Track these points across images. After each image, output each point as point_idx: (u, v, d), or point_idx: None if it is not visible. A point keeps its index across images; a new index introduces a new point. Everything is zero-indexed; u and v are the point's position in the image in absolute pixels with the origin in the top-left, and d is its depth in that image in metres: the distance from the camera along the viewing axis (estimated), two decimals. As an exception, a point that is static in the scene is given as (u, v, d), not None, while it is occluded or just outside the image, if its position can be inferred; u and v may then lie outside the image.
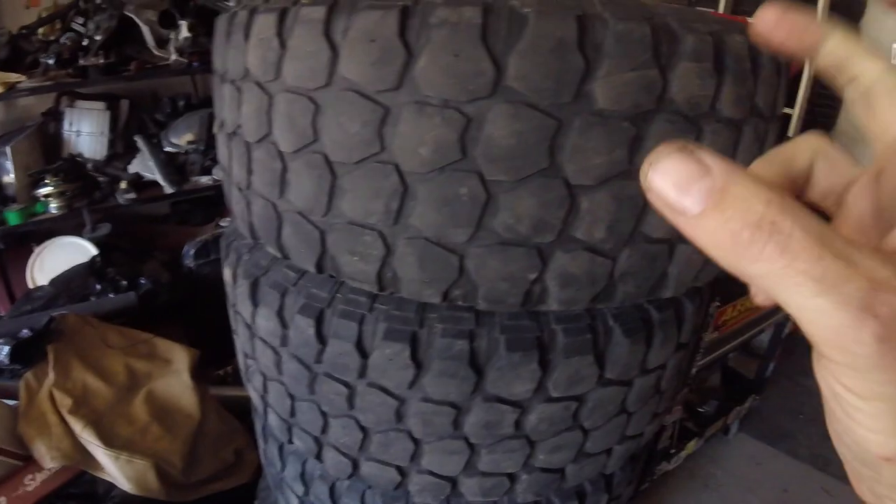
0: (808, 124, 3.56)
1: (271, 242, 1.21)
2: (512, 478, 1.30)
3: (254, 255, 1.32)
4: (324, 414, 1.28)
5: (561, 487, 1.38)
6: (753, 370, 3.02)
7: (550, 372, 1.13)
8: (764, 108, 1.10)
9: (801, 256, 0.22)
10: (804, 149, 0.36)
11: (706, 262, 1.18)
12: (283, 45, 1.03)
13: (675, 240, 1.09)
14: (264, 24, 1.05)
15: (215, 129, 1.34)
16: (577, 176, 0.97)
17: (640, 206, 1.02)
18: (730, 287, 2.18)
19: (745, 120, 1.07)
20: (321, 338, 1.17)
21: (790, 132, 3.44)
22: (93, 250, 2.86)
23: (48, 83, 3.01)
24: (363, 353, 1.15)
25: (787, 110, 3.25)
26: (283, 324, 1.22)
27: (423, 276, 1.06)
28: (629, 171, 0.99)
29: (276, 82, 1.06)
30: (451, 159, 0.96)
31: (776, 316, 2.68)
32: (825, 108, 3.61)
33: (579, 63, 0.91)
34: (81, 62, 3.06)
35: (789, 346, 2.88)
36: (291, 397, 1.32)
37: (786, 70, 1.18)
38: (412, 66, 0.93)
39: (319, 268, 1.14)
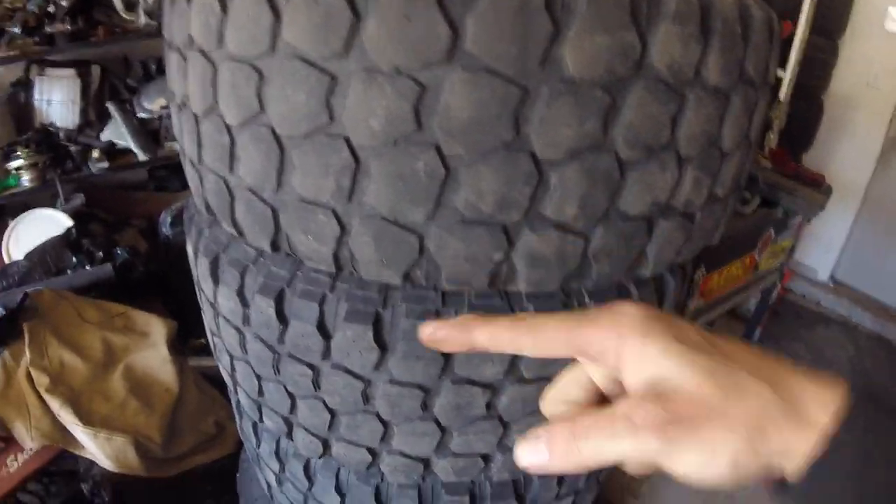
0: (799, 89, 3.47)
1: (226, 220, 1.14)
2: (486, 458, 1.26)
3: (213, 231, 1.26)
4: (290, 395, 1.24)
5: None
6: (740, 334, 2.99)
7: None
8: (754, 75, 1.03)
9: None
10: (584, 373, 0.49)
11: (689, 238, 1.12)
12: (224, 9, 0.95)
13: (654, 216, 1.03)
14: (205, -15, 0.97)
15: (168, 101, 1.26)
16: (544, 149, 0.90)
17: (616, 182, 0.95)
18: (716, 254, 2.13)
19: (733, 88, 1.00)
20: (282, 318, 1.12)
21: (782, 96, 3.35)
22: (68, 222, 2.80)
23: (14, 53, 2.92)
24: (325, 335, 1.09)
25: (778, 73, 3.16)
26: (244, 303, 1.16)
27: (380, 256, 0.99)
28: (603, 144, 0.92)
29: (219, 50, 0.98)
30: (406, 132, 0.88)
31: (763, 282, 2.64)
32: (818, 71, 3.52)
33: (546, 25, 0.84)
34: (48, 29, 2.96)
35: (776, 309, 2.84)
36: (258, 377, 1.27)
37: (778, 34, 1.10)
38: (360, 29, 0.85)
39: (275, 247, 1.08)
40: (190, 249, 1.32)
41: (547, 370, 1.11)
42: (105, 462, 1.80)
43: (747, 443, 0.38)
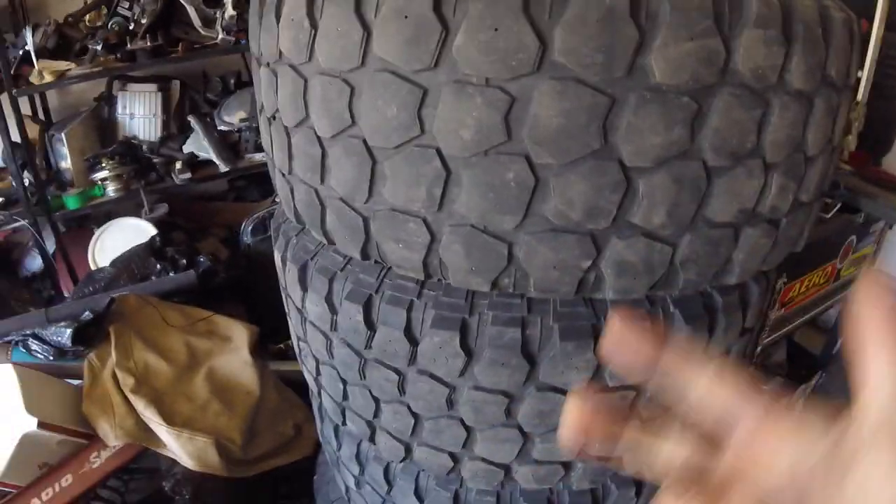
0: (876, 88, 3.33)
1: (316, 228, 1.18)
2: (567, 465, 1.26)
3: (301, 239, 1.30)
4: (375, 399, 1.26)
5: (618, 475, 1.33)
6: (820, 344, 2.89)
7: (607, 361, 1.07)
8: (836, 78, 1.01)
9: None
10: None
11: (774, 245, 1.10)
12: (314, 25, 0.99)
13: (740, 223, 1.02)
14: (295, 3, 1.01)
15: (257, 113, 1.31)
16: (632, 157, 0.90)
17: (703, 189, 0.95)
18: (798, 262, 2.08)
19: (816, 91, 0.99)
20: (370, 324, 1.14)
21: (860, 97, 3.23)
22: (152, 230, 2.90)
23: (97, 69, 3.04)
24: (412, 340, 1.11)
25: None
26: (332, 309, 1.20)
27: (470, 264, 1.01)
28: (690, 151, 0.92)
29: (309, 64, 1.02)
30: (496, 142, 0.90)
31: (845, 291, 2.56)
32: (895, 70, 3.38)
33: (632, 33, 0.84)
34: (129, 46, 3.07)
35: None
36: (343, 381, 1.30)
37: (858, 35, 1.08)
38: (449, 42, 0.88)
39: (365, 255, 1.11)
40: (277, 257, 1.37)
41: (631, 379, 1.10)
42: (186, 461, 1.86)
43: None
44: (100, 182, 3.14)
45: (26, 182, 2.97)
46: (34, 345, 2.01)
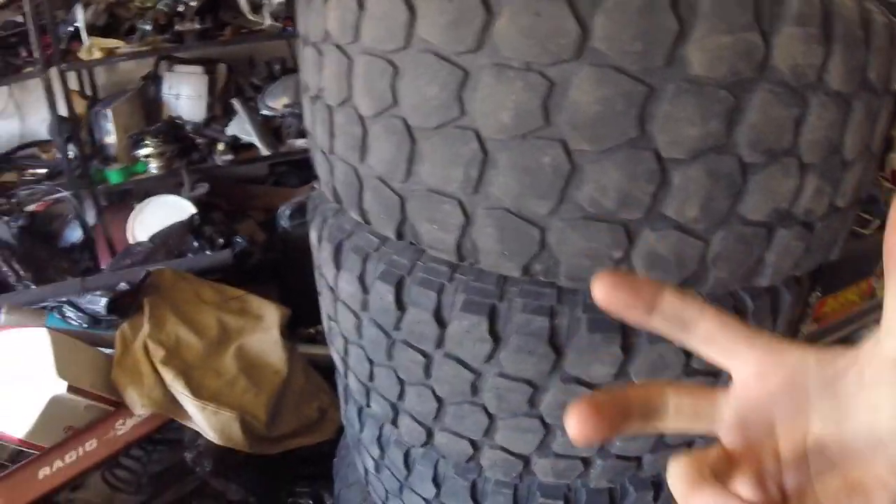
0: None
1: (353, 207, 1.20)
2: (586, 462, 1.26)
3: (338, 219, 1.32)
4: (401, 381, 1.27)
5: (637, 476, 1.33)
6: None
7: (633, 356, 1.07)
8: (876, 81, 0.99)
9: None
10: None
11: (807, 249, 1.09)
12: (361, 5, 1.00)
13: (774, 223, 1.01)
14: (343, -16, 1.03)
15: (301, 93, 1.33)
16: (668, 148, 0.90)
17: (738, 185, 0.95)
18: (832, 276, 2.04)
19: (855, 94, 0.97)
20: (400, 305, 1.16)
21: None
22: (191, 209, 2.95)
23: (145, 48, 3.11)
24: (441, 323, 1.12)
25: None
26: (364, 289, 1.21)
27: (502, 247, 1.02)
28: (726, 145, 0.91)
29: (354, 44, 1.04)
30: (534, 126, 0.91)
31: (880, 312, 2.50)
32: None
33: (672, 24, 0.85)
34: (177, 28, 3.13)
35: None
36: (370, 362, 1.32)
37: None
38: (491, 26, 0.89)
39: (399, 235, 1.12)
40: (313, 236, 1.38)
41: (656, 376, 1.10)
42: (210, 434, 1.88)
43: None
44: (143, 158, 3.21)
45: (71, 155, 3.04)
46: (69, 312, 2.05)
